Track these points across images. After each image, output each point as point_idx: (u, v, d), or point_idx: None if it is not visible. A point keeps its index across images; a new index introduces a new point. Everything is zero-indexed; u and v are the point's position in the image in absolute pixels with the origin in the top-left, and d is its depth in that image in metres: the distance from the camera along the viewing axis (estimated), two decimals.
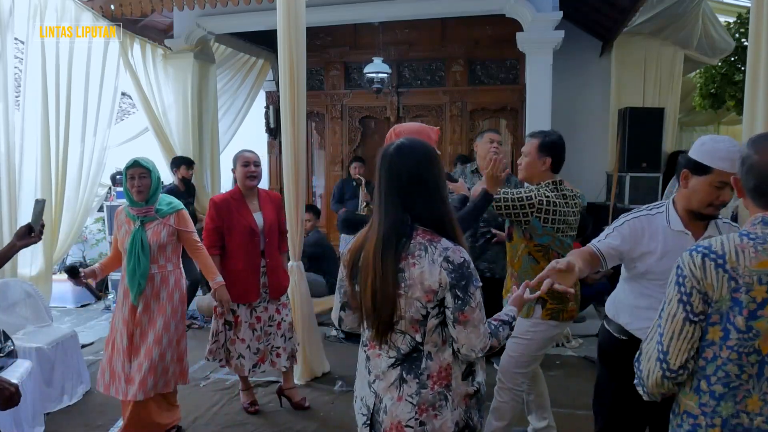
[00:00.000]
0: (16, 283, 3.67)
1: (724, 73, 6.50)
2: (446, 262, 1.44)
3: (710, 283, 1.25)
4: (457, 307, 1.44)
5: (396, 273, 1.47)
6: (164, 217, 2.88)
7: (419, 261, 1.46)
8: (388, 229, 1.48)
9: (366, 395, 1.59)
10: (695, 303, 1.27)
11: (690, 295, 1.27)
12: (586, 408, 3.15)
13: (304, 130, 3.72)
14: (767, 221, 1.27)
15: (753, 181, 1.29)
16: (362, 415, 1.59)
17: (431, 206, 1.51)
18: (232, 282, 3.10)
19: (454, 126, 6.58)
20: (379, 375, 1.55)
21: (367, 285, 1.49)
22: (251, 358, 3.17)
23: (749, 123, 2.76)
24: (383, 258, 1.47)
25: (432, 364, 1.51)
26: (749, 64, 2.74)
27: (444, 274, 1.44)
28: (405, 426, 1.50)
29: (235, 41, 6.12)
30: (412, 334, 1.50)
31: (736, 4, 6.49)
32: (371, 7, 5.05)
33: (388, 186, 1.51)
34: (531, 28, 4.58)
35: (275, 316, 3.24)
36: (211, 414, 3.35)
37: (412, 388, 1.50)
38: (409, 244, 1.48)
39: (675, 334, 1.28)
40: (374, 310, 1.49)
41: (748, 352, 1.23)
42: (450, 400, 1.52)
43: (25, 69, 4.16)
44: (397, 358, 1.52)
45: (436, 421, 1.50)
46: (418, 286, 1.45)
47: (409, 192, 1.50)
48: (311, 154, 7.05)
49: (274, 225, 3.23)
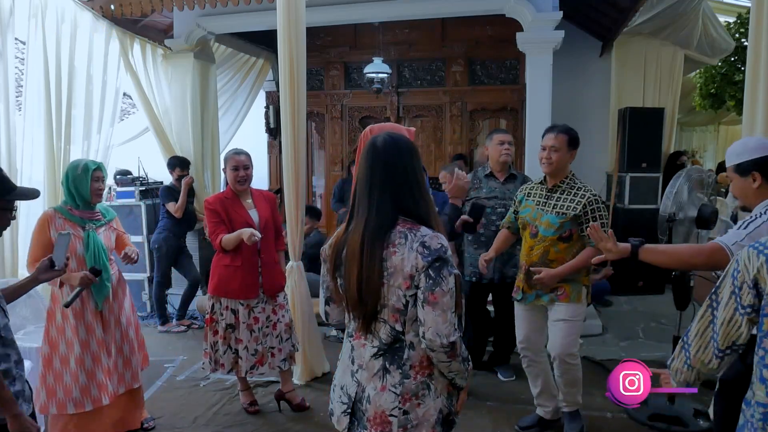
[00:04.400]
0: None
1: (724, 73, 6.52)
2: (422, 247, 1.46)
3: (763, 276, 1.33)
4: (427, 287, 1.45)
5: (381, 262, 1.48)
6: (110, 221, 2.97)
7: (399, 249, 1.48)
8: (379, 222, 1.50)
9: (347, 384, 1.61)
10: (744, 296, 1.36)
11: (740, 288, 1.36)
12: (586, 408, 3.16)
13: (304, 130, 3.72)
14: None
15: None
16: (342, 404, 1.61)
17: (417, 199, 1.54)
18: (231, 279, 3.11)
19: (454, 126, 6.58)
20: (362, 364, 1.57)
21: (353, 276, 1.51)
22: (249, 360, 3.17)
23: (749, 123, 2.76)
24: (372, 249, 1.48)
25: (414, 354, 1.52)
26: (749, 64, 2.75)
27: (420, 258, 1.45)
28: (389, 415, 1.52)
29: (235, 41, 6.12)
30: (392, 324, 1.51)
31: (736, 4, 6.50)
32: (371, 7, 5.05)
33: (383, 179, 1.52)
34: (531, 28, 4.57)
35: (272, 316, 3.23)
36: (211, 414, 3.36)
37: (395, 378, 1.52)
38: (392, 234, 1.50)
39: (725, 320, 1.39)
40: (360, 300, 1.51)
41: None
42: (433, 389, 1.54)
43: (27, 69, 4.16)
44: (379, 347, 1.54)
45: (419, 409, 1.52)
46: (399, 274, 1.47)
47: (400, 185, 1.52)
48: (311, 154, 7.05)
49: (269, 222, 3.23)
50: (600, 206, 2.74)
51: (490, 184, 3.65)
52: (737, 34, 6.29)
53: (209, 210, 3.13)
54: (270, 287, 3.21)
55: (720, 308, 1.41)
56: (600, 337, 4.51)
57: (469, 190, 3.64)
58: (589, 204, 2.72)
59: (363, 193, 1.55)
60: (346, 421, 1.60)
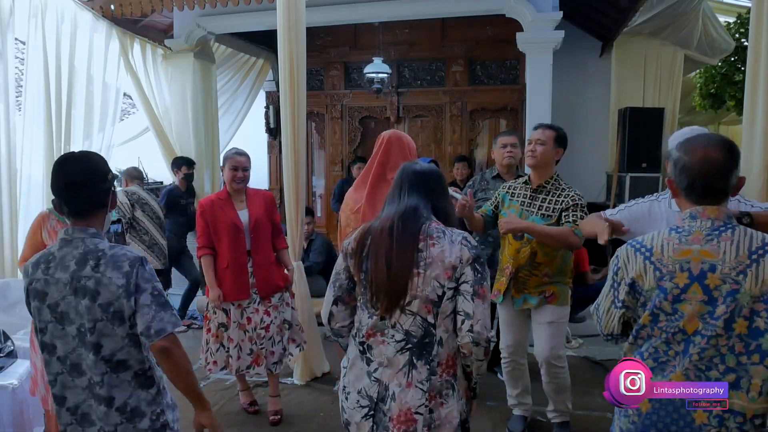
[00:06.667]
0: (16, 283, 3.67)
1: (724, 73, 6.51)
2: (466, 240, 1.56)
3: (640, 274, 1.43)
4: (477, 280, 1.50)
5: (415, 250, 1.52)
6: None
7: (439, 241, 1.54)
8: (410, 207, 1.59)
9: (366, 386, 1.57)
10: (621, 292, 1.47)
11: (619, 284, 1.48)
12: (585, 408, 3.17)
13: (304, 130, 3.72)
14: (693, 216, 1.42)
15: (686, 181, 1.44)
16: (362, 407, 1.56)
17: (448, 207, 1.70)
18: (221, 280, 3.10)
19: (454, 126, 6.58)
20: (384, 362, 1.54)
21: (380, 259, 1.54)
22: (244, 359, 3.14)
23: (749, 123, 2.76)
24: (404, 229, 1.54)
25: (442, 351, 1.52)
26: (749, 64, 2.75)
27: (465, 249, 1.53)
28: (415, 413, 1.49)
29: (235, 41, 6.12)
30: (424, 315, 1.51)
31: (736, 4, 6.50)
32: (371, 7, 5.05)
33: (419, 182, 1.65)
34: (531, 28, 4.58)
35: (264, 318, 3.16)
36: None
37: (422, 374, 1.50)
38: (428, 227, 1.57)
39: (604, 310, 1.54)
40: (388, 282, 1.51)
41: (674, 332, 1.39)
42: (456, 390, 1.53)
43: (27, 69, 4.16)
44: (406, 341, 1.52)
45: (442, 409, 1.51)
46: (438, 264, 1.51)
47: (434, 190, 1.67)
48: (311, 154, 7.04)
49: (262, 221, 3.16)
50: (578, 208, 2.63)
51: (497, 186, 3.65)
52: (737, 34, 6.28)
53: (198, 214, 3.16)
54: (264, 288, 3.15)
55: (601, 298, 1.56)
56: (600, 337, 4.50)
57: (477, 192, 3.66)
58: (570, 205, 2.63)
59: (395, 193, 1.65)
60: (368, 426, 1.55)
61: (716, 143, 1.43)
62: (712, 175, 1.40)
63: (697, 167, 1.41)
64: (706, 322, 1.36)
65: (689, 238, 1.40)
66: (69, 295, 1.53)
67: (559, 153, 2.76)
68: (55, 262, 1.56)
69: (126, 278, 1.51)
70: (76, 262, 1.54)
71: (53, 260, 1.57)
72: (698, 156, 1.41)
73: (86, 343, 1.53)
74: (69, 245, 1.57)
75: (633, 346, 1.49)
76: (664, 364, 1.42)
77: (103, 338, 1.53)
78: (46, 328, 1.58)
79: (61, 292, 1.54)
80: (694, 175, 1.42)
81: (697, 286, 1.36)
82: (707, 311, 1.36)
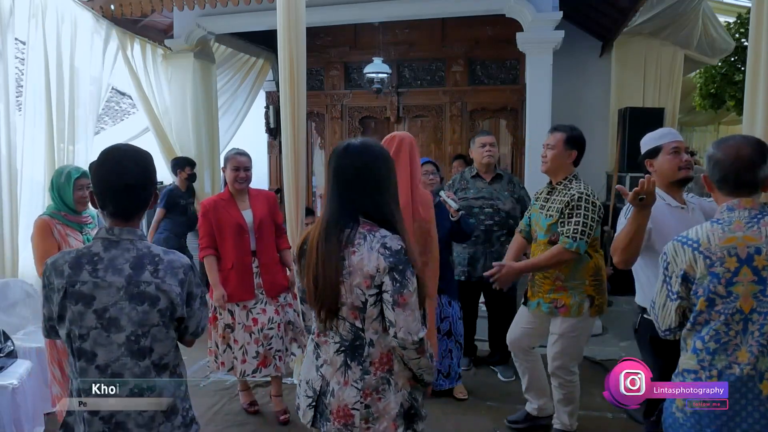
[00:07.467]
0: (16, 283, 3.67)
1: (724, 73, 6.52)
2: (383, 248, 1.50)
3: (690, 265, 1.55)
4: (396, 290, 1.49)
5: (339, 260, 1.52)
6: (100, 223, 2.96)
7: (359, 249, 1.52)
8: (330, 218, 1.56)
9: (313, 378, 1.65)
10: (674, 284, 1.59)
11: (671, 278, 1.59)
12: (586, 408, 3.16)
13: (304, 130, 3.71)
14: (731, 208, 1.57)
15: (718, 174, 1.60)
16: (307, 397, 1.66)
17: (380, 203, 1.57)
18: (224, 282, 3.10)
19: (454, 126, 6.58)
20: (327, 360, 1.62)
21: (310, 271, 1.56)
22: (250, 363, 3.13)
23: (749, 123, 2.76)
24: (326, 243, 1.53)
25: (374, 351, 1.57)
26: (749, 64, 2.74)
27: (381, 259, 1.49)
28: (351, 409, 1.57)
29: (235, 41, 6.12)
30: (352, 321, 1.55)
31: (736, 4, 6.51)
32: (371, 7, 5.04)
33: (334, 180, 1.58)
34: (531, 28, 4.57)
35: (275, 317, 3.17)
36: (211, 414, 3.36)
37: (356, 374, 1.57)
38: (352, 235, 1.53)
39: (660, 305, 1.64)
40: (316, 295, 1.55)
41: (732, 313, 1.51)
42: (393, 384, 1.59)
43: (27, 69, 4.16)
44: (341, 344, 1.58)
45: (380, 403, 1.57)
46: (358, 273, 1.51)
47: (365, 187, 1.56)
48: (311, 154, 7.05)
49: (266, 222, 3.18)
50: (582, 203, 2.56)
51: (477, 185, 3.70)
52: (737, 34, 6.29)
53: (201, 215, 3.16)
54: (271, 288, 3.17)
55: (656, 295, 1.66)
56: (600, 337, 4.51)
57: (457, 191, 3.69)
58: (572, 201, 2.57)
59: (327, 192, 1.61)
60: (310, 415, 1.64)
61: (746, 141, 1.61)
62: (743, 169, 1.56)
63: (728, 162, 1.58)
64: (760, 300, 1.49)
65: (731, 227, 1.54)
66: (122, 300, 1.47)
67: (572, 155, 2.70)
68: (103, 264, 1.48)
69: (182, 286, 1.53)
70: (131, 266, 1.48)
71: (100, 262, 1.49)
72: (729, 152, 1.58)
73: (135, 350, 1.49)
74: (117, 247, 1.50)
75: (691, 332, 1.58)
76: (726, 344, 1.51)
77: (156, 343, 1.52)
78: (87, 335, 1.48)
79: (113, 297, 1.47)
80: (726, 169, 1.58)
81: (746, 269, 1.50)
82: (759, 290, 1.49)
